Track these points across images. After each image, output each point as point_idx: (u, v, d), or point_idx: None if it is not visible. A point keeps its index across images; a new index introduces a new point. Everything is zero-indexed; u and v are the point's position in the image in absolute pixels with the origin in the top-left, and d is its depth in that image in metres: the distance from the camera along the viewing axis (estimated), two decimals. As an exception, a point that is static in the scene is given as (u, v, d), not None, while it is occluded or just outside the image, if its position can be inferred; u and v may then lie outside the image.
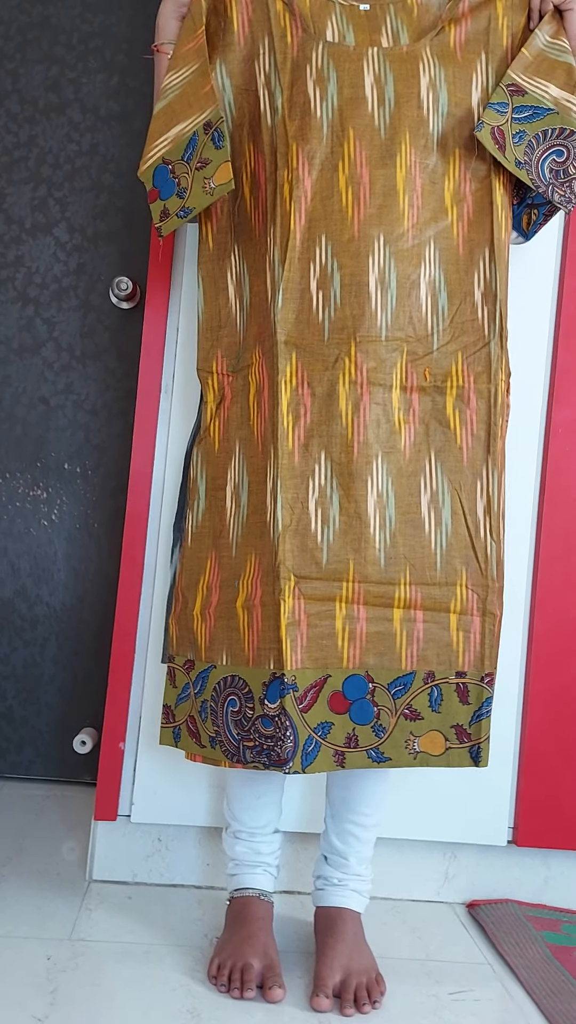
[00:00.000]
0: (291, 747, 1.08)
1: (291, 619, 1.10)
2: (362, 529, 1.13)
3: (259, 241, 1.19)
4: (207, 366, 1.25)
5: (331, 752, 1.12)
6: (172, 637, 1.25)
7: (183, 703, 1.23)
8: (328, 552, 1.13)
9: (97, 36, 1.87)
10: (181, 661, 1.24)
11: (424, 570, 1.15)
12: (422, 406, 1.17)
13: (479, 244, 1.19)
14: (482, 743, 1.15)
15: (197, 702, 1.20)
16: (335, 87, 1.17)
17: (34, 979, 1.11)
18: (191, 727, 1.21)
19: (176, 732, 1.24)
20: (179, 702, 1.23)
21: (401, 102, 1.17)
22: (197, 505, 1.24)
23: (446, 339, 1.17)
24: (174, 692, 1.24)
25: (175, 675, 1.25)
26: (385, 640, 1.14)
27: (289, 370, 1.14)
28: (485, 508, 1.16)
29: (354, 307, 1.14)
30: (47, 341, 1.86)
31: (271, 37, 1.18)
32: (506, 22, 1.21)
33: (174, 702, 1.24)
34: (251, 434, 1.18)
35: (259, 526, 1.15)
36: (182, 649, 1.24)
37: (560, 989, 1.18)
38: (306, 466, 1.13)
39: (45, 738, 1.87)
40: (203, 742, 1.19)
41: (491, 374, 1.17)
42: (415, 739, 1.14)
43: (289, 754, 1.08)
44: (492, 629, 1.16)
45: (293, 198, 1.14)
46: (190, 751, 1.22)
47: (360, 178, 1.15)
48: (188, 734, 1.22)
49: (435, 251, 1.18)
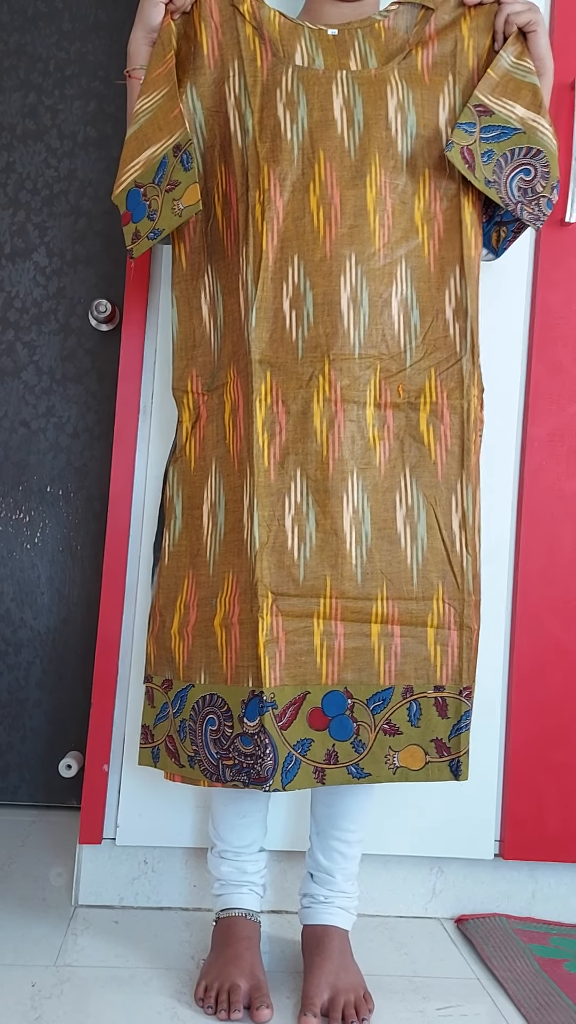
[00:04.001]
0: (271, 765, 1.08)
1: (269, 636, 1.10)
2: (338, 545, 1.14)
3: (232, 261, 1.20)
4: (182, 385, 1.25)
5: (311, 769, 1.12)
6: (150, 656, 1.25)
7: (161, 723, 1.22)
8: (305, 569, 1.13)
9: (73, 63, 1.89)
10: (159, 681, 1.23)
11: (401, 585, 1.15)
12: (396, 422, 1.18)
13: (450, 262, 1.20)
14: (461, 756, 1.15)
15: (176, 721, 1.19)
16: (305, 110, 1.18)
17: (19, 1006, 1.09)
18: (170, 747, 1.21)
19: (155, 752, 1.23)
20: (157, 722, 1.23)
21: (370, 124, 1.19)
22: (174, 524, 1.24)
23: (419, 356, 1.18)
24: (152, 712, 1.24)
25: (153, 695, 1.24)
26: (363, 656, 1.14)
27: (264, 388, 1.14)
28: (460, 522, 1.17)
29: (327, 326, 1.15)
30: (28, 365, 1.87)
31: (241, 60, 1.20)
32: (472, 43, 1.22)
33: (152, 722, 1.24)
34: (227, 453, 1.19)
35: (236, 544, 1.15)
36: (160, 668, 1.23)
37: (549, 1003, 1.17)
38: (282, 484, 1.14)
39: (31, 763, 1.85)
40: (182, 762, 1.19)
41: (464, 390, 1.18)
42: (395, 754, 1.14)
43: (269, 772, 1.08)
44: (469, 642, 1.16)
45: (265, 219, 1.16)
46: (169, 771, 1.22)
47: (331, 199, 1.17)
48: (167, 754, 1.21)
49: (406, 269, 1.19)
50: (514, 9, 1.20)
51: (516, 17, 1.20)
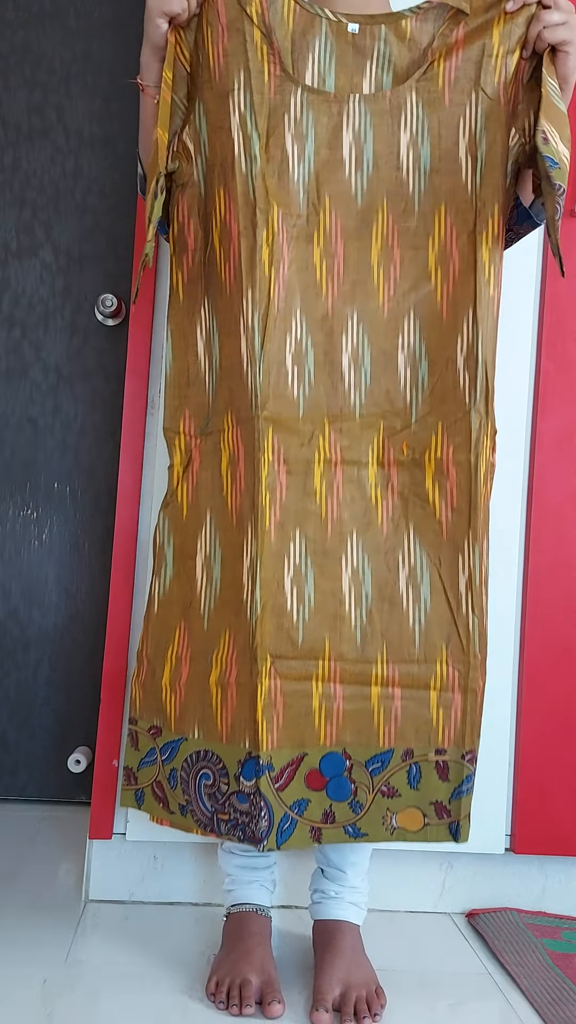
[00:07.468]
0: (266, 826, 1.07)
1: (267, 700, 1.08)
2: (337, 607, 1.11)
3: (232, 299, 1.14)
4: (174, 426, 1.21)
5: (307, 828, 1.11)
6: (135, 700, 1.23)
7: (148, 767, 1.20)
8: (304, 631, 1.10)
9: (79, 61, 1.89)
10: (146, 726, 1.21)
11: (402, 647, 1.12)
12: (401, 480, 1.14)
13: (463, 305, 1.12)
14: (461, 820, 1.12)
15: (165, 769, 1.17)
16: (312, 146, 1.13)
17: (30, 1003, 1.09)
18: (157, 792, 1.19)
19: (139, 794, 1.21)
20: (142, 765, 1.21)
21: (380, 164, 1.13)
22: (164, 572, 1.21)
23: (425, 410, 1.13)
24: (136, 755, 1.22)
25: (138, 739, 1.22)
26: (362, 717, 1.11)
27: (268, 446, 1.10)
28: (467, 583, 1.12)
29: (327, 385, 1.12)
30: (34, 363, 1.87)
31: (247, 72, 1.11)
32: (501, 52, 1.12)
33: (136, 765, 1.21)
34: (224, 505, 1.15)
35: (234, 603, 1.12)
36: (147, 714, 1.21)
37: (562, 997, 1.17)
38: (281, 545, 1.10)
39: (40, 760, 1.86)
40: (172, 808, 1.17)
41: (472, 444, 1.11)
42: (392, 815, 1.12)
43: (263, 833, 1.07)
44: (474, 706, 1.12)
45: (273, 263, 1.10)
46: (156, 815, 1.20)
47: (335, 252, 1.13)
48: (154, 799, 1.19)
49: (414, 320, 1.14)
50: (552, 20, 1.08)
51: (551, 33, 1.08)
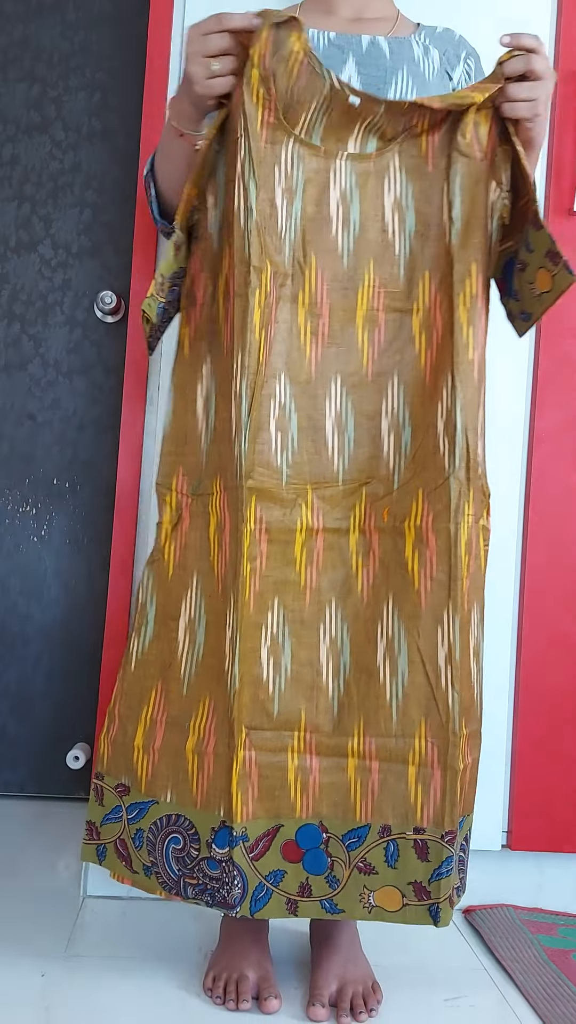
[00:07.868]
0: (239, 893, 1.06)
1: (242, 771, 1.06)
2: (314, 677, 1.10)
3: (227, 360, 1.12)
4: (167, 483, 1.19)
5: (283, 900, 1.09)
6: (103, 756, 1.20)
7: (111, 824, 1.18)
8: (279, 701, 1.09)
9: (78, 55, 1.88)
10: (112, 783, 1.19)
11: (379, 721, 1.08)
12: (383, 547, 1.11)
13: (443, 371, 1.09)
14: (442, 903, 1.07)
15: (131, 828, 1.15)
16: (300, 203, 1.11)
17: (28, 996, 1.10)
18: (120, 850, 1.17)
19: (100, 850, 1.18)
20: (106, 821, 1.18)
21: (367, 224, 1.12)
22: (144, 631, 1.19)
23: (408, 476, 1.11)
24: (100, 810, 1.19)
25: (103, 794, 1.20)
26: (339, 790, 1.09)
27: (251, 516, 1.08)
28: (447, 656, 1.06)
29: (310, 452, 1.11)
30: (33, 358, 1.87)
31: (245, 118, 1.08)
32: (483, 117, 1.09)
33: (99, 820, 1.19)
34: (211, 570, 1.14)
35: (216, 671, 1.11)
36: (115, 771, 1.19)
37: (557, 993, 1.18)
38: (260, 615, 1.09)
39: (39, 756, 1.86)
40: (135, 868, 1.15)
41: (452, 512, 1.07)
42: (370, 893, 1.08)
43: (237, 900, 1.06)
44: (454, 785, 1.06)
45: (263, 325, 1.08)
46: (118, 872, 1.17)
47: (319, 313, 1.12)
48: (116, 856, 1.17)
49: (399, 385, 1.12)
50: (516, 95, 1.05)
51: (511, 109, 1.06)
